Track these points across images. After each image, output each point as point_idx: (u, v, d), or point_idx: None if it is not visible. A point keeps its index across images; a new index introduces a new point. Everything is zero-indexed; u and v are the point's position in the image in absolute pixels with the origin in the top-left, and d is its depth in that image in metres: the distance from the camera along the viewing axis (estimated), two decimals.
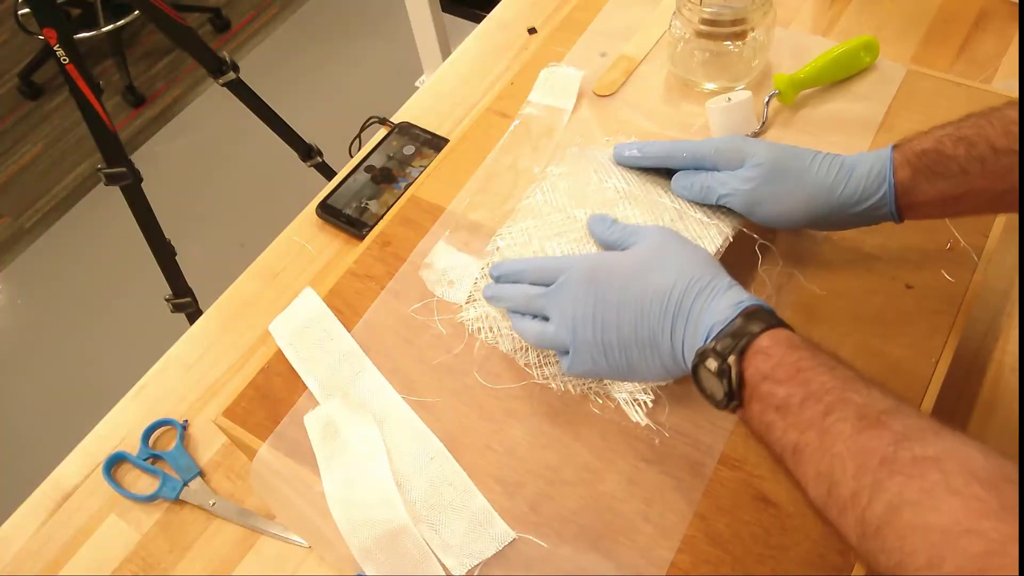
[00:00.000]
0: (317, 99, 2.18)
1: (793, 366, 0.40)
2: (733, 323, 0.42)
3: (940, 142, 0.49)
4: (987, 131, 0.47)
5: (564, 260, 0.52)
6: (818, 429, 0.37)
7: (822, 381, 0.39)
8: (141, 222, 1.20)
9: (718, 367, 0.42)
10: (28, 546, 0.63)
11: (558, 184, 0.60)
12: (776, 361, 0.40)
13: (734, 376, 0.41)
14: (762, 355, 0.41)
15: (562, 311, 0.49)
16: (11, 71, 2.38)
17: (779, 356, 0.40)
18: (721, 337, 0.42)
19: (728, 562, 0.46)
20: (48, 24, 0.99)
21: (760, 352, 0.41)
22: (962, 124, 0.49)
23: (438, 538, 0.49)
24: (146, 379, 0.72)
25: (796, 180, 0.52)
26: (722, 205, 0.55)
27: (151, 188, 1.21)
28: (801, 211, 0.52)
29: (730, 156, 0.54)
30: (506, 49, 0.91)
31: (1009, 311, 0.64)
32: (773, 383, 0.40)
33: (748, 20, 0.66)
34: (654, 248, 0.49)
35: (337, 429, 0.54)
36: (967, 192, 0.48)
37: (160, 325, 1.28)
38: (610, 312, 0.47)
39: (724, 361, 0.41)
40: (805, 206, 0.52)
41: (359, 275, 0.62)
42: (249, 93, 1.34)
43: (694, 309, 0.45)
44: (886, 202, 0.50)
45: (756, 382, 0.40)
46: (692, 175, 0.56)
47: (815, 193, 0.51)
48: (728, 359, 0.41)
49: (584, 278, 0.49)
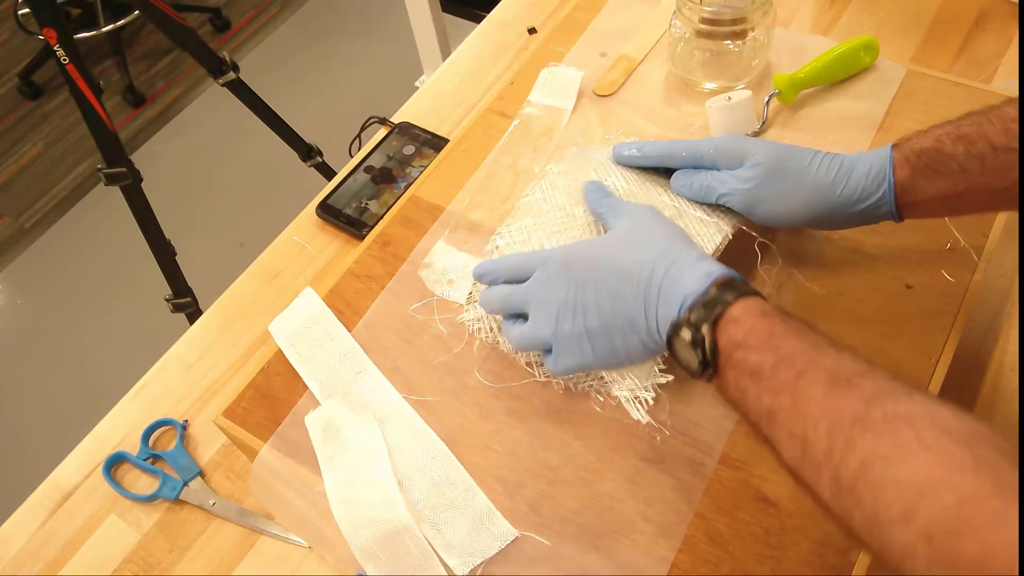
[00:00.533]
0: (317, 99, 2.18)
1: (765, 332, 0.40)
2: (705, 294, 0.43)
3: (939, 141, 0.49)
4: (986, 129, 0.47)
5: (536, 254, 0.52)
6: (791, 392, 0.38)
7: (793, 345, 0.39)
8: (141, 222, 1.20)
9: (691, 337, 0.42)
10: (28, 546, 0.63)
11: (557, 182, 0.60)
12: (748, 328, 0.41)
13: (708, 345, 0.41)
14: (734, 324, 0.41)
15: (540, 304, 0.49)
16: (11, 71, 2.38)
17: (751, 324, 0.41)
18: (694, 308, 0.43)
19: (728, 562, 0.46)
20: (48, 24, 0.99)
21: (732, 321, 0.41)
22: (961, 122, 0.49)
23: (441, 537, 0.49)
24: (146, 379, 0.72)
25: (795, 179, 0.52)
26: (722, 204, 0.55)
27: (151, 188, 1.21)
28: (801, 210, 0.52)
29: (729, 155, 0.54)
30: (506, 49, 0.91)
31: (1009, 311, 0.64)
32: (746, 350, 0.40)
33: (748, 20, 0.66)
34: (627, 229, 0.50)
35: (338, 429, 0.54)
36: (967, 190, 0.48)
37: (160, 325, 1.28)
38: (588, 297, 0.47)
39: (697, 331, 0.42)
40: (805, 205, 0.52)
41: (359, 275, 0.62)
42: (249, 93, 1.34)
43: (665, 284, 0.45)
44: (886, 201, 0.50)
45: (729, 350, 0.41)
46: (691, 174, 0.56)
47: (814, 192, 0.51)
48: (701, 329, 0.42)
49: (559, 268, 0.49)
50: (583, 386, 0.54)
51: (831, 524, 0.46)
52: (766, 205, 0.53)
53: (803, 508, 0.47)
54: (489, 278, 0.54)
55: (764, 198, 0.52)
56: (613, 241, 0.50)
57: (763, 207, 0.53)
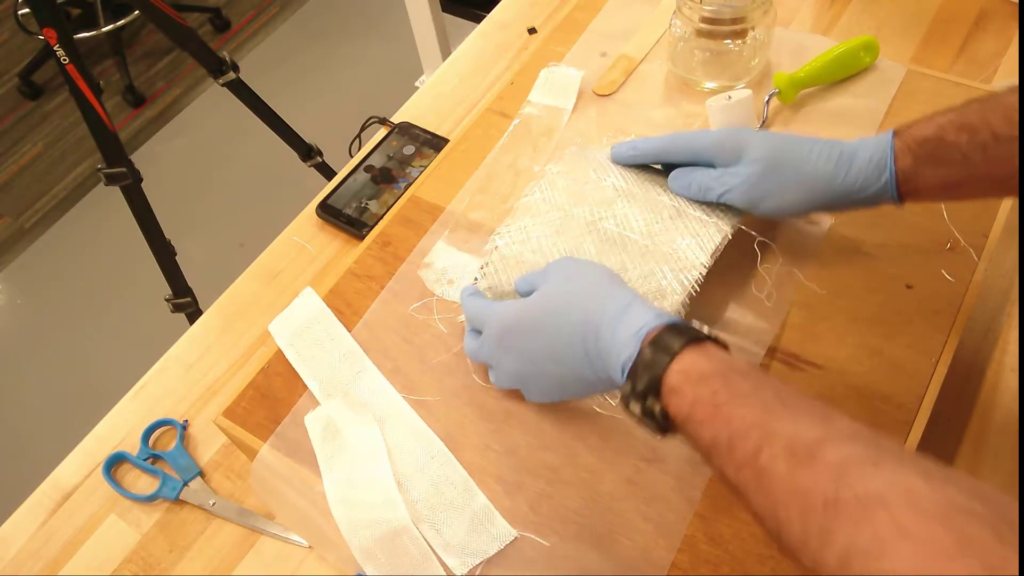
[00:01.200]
0: (317, 99, 2.18)
1: (709, 403, 0.38)
2: (641, 356, 0.41)
3: (942, 129, 0.48)
4: (989, 118, 0.47)
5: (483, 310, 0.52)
6: (752, 469, 0.35)
7: (743, 416, 0.37)
8: (141, 222, 1.20)
9: (640, 409, 0.41)
10: (28, 546, 0.63)
11: (557, 182, 0.60)
12: (691, 400, 0.39)
13: (659, 417, 0.40)
14: (676, 395, 0.39)
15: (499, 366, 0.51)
16: (11, 71, 2.38)
17: (693, 395, 0.39)
18: (636, 375, 0.41)
19: (728, 562, 0.46)
20: (48, 24, 0.99)
21: (673, 392, 0.40)
22: (964, 110, 0.48)
23: (440, 537, 0.49)
24: (146, 379, 0.72)
25: (795, 172, 0.51)
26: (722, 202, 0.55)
27: (151, 188, 1.21)
28: (802, 201, 0.52)
29: (727, 150, 0.54)
30: (506, 49, 0.91)
31: (1009, 311, 0.64)
32: (695, 424, 0.38)
33: (748, 19, 0.66)
34: (550, 293, 0.48)
35: (338, 429, 0.54)
36: (968, 178, 0.48)
37: (160, 325, 1.28)
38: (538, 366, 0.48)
39: (645, 401, 0.40)
40: (806, 196, 0.52)
41: (359, 275, 0.62)
42: (249, 93, 1.34)
43: (601, 349, 0.44)
44: (887, 189, 0.50)
45: (680, 422, 0.40)
46: (689, 173, 0.56)
47: (815, 183, 0.51)
48: (647, 401, 0.40)
49: (496, 343, 0.50)
50: None
51: None
52: (768, 201, 0.52)
53: None
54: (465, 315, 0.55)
55: (765, 194, 0.52)
56: (541, 307, 0.48)
57: (765, 202, 0.53)
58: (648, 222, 0.56)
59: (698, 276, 0.53)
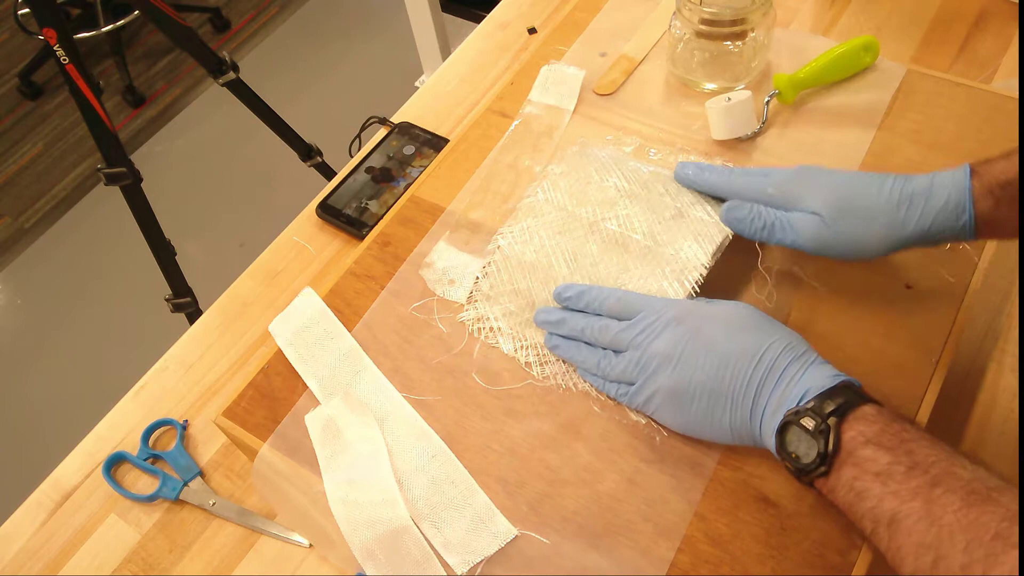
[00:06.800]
0: (317, 99, 2.18)
1: (897, 436, 0.39)
2: (834, 389, 0.42)
3: None
4: None
5: (646, 298, 0.51)
6: (924, 498, 0.36)
7: (927, 452, 0.38)
8: (141, 222, 1.20)
9: (815, 426, 0.41)
10: (28, 546, 0.63)
11: (559, 183, 0.60)
12: (881, 427, 0.40)
13: (832, 437, 0.40)
14: (866, 420, 0.40)
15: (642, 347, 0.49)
16: (11, 71, 2.38)
17: (883, 423, 0.40)
18: (821, 398, 0.42)
19: (728, 562, 0.46)
20: (48, 24, 0.99)
21: (864, 417, 0.41)
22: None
23: (440, 536, 0.49)
24: (146, 379, 0.72)
25: (864, 220, 0.49)
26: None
27: (151, 188, 1.21)
28: (874, 250, 0.50)
29: (789, 194, 0.52)
30: (506, 49, 0.91)
31: (1009, 311, 0.64)
32: (876, 448, 0.39)
33: (748, 20, 0.66)
34: (742, 310, 0.49)
35: (338, 429, 0.54)
36: None
37: (160, 325, 1.28)
38: (696, 356, 0.47)
39: (823, 420, 0.41)
40: (878, 245, 0.50)
41: (359, 275, 0.62)
42: (249, 93, 1.35)
43: (787, 372, 0.44)
44: (965, 232, 0.48)
45: (856, 446, 0.40)
46: (747, 208, 0.53)
47: (888, 232, 0.49)
48: (828, 419, 0.41)
49: (672, 319, 0.49)
50: (583, 386, 0.54)
51: (831, 524, 0.46)
52: (837, 249, 0.51)
53: (803, 508, 0.47)
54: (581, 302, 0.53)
55: (833, 244, 0.51)
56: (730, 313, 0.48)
57: (834, 250, 0.51)
58: (650, 222, 0.56)
59: (699, 277, 0.53)
